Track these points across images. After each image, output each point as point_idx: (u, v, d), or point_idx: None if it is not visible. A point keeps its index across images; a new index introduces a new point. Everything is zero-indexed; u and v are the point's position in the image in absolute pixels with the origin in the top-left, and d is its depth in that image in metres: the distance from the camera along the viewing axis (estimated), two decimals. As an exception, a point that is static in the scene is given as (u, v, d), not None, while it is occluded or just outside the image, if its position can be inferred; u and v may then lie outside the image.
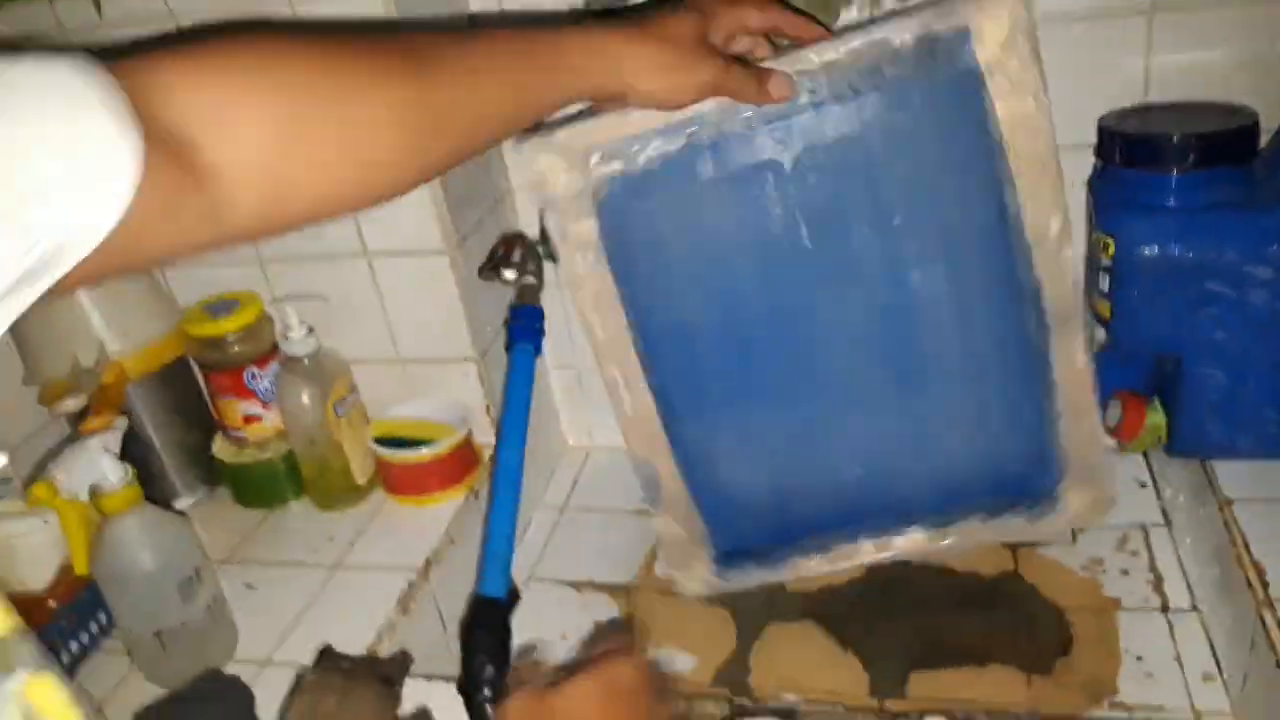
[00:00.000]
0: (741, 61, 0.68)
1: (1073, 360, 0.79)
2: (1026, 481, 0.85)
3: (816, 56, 0.70)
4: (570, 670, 0.57)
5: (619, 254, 0.78)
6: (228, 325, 0.93)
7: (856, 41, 0.70)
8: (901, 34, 0.69)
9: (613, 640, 0.62)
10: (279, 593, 0.87)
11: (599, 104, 0.71)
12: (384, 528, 0.93)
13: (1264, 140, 0.79)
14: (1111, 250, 0.80)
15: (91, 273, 0.40)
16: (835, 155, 0.73)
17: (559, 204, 0.76)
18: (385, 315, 0.96)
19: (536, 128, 0.75)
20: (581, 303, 0.81)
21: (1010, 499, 0.85)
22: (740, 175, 0.75)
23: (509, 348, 0.86)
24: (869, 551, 0.88)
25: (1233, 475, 0.83)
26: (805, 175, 0.75)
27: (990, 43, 0.69)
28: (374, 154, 0.51)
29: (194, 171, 0.44)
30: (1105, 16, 0.86)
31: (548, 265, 0.93)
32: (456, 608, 0.91)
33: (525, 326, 0.88)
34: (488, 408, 0.99)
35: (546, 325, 0.92)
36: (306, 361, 0.92)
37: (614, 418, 0.86)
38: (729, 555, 0.90)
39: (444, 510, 0.93)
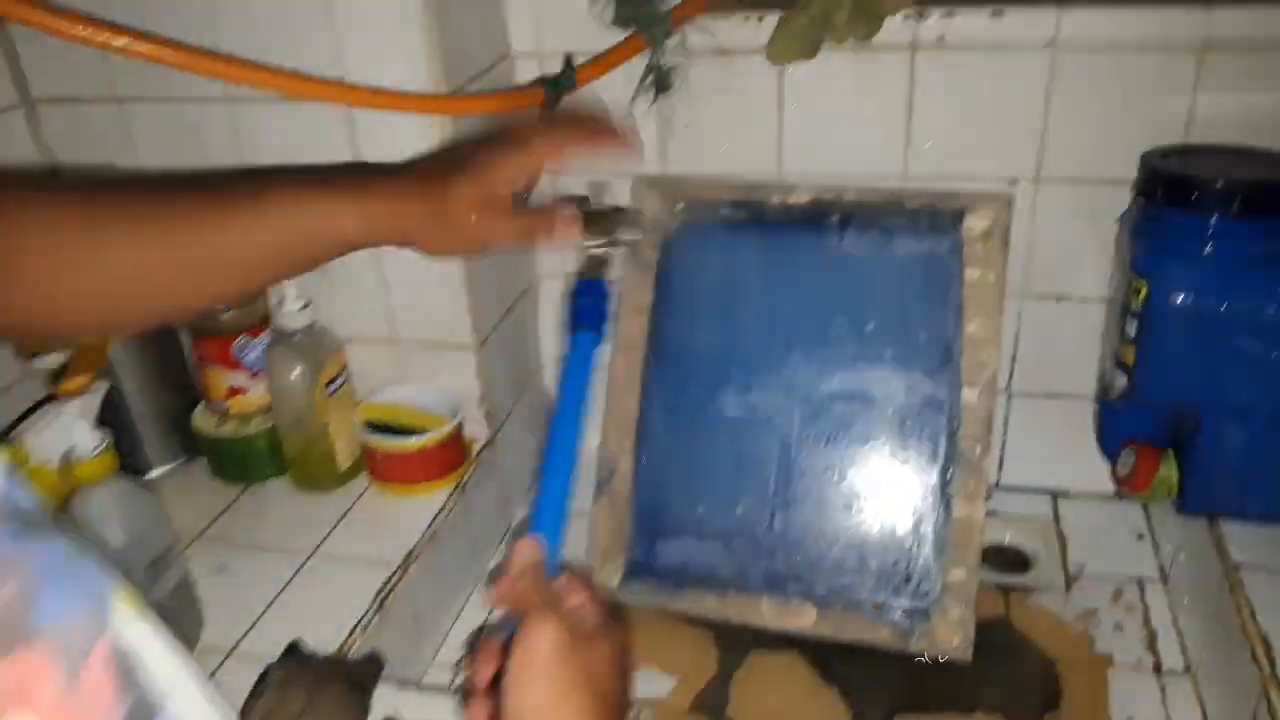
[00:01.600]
0: (528, 213, 0.64)
1: (972, 505, 0.84)
2: (909, 595, 0.86)
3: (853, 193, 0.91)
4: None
5: (667, 279, 0.94)
6: (218, 292, 0.89)
7: (882, 194, 0.90)
8: (914, 199, 0.89)
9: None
10: (249, 578, 0.84)
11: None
12: (365, 516, 0.90)
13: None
14: (1144, 295, 0.77)
15: None
16: (835, 265, 0.89)
17: (647, 229, 0.92)
18: (386, 293, 0.92)
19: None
20: (625, 307, 0.94)
21: (892, 606, 0.86)
22: (764, 259, 0.92)
23: (571, 329, 0.74)
24: (769, 612, 0.88)
25: (1243, 538, 0.81)
26: (802, 271, 0.90)
27: (976, 227, 0.86)
28: (122, 296, 0.54)
29: None
30: (1155, 50, 0.83)
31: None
32: (434, 609, 0.87)
33: (591, 307, 0.74)
34: (481, 399, 0.96)
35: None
36: (300, 336, 0.88)
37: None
38: (638, 567, 0.92)
39: (429, 503, 0.90)
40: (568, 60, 0.86)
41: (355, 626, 0.78)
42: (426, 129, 0.83)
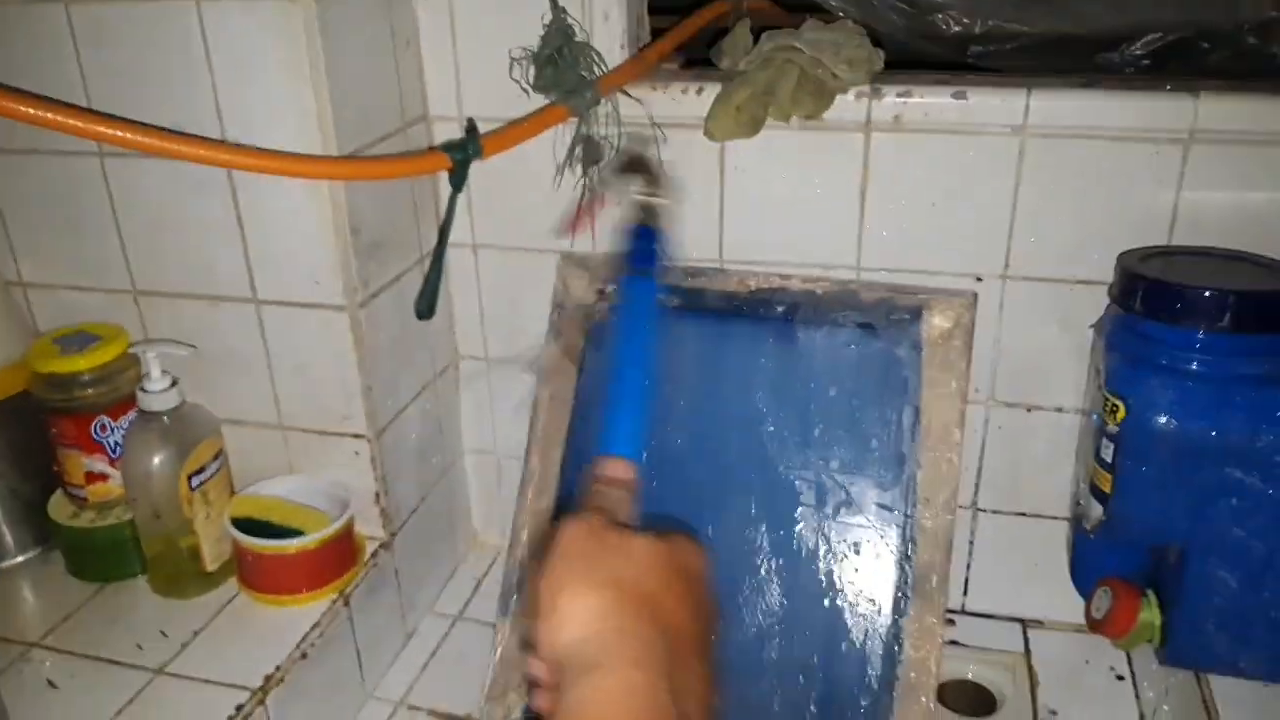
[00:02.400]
0: None
1: (926, 636, 0.75)
2: None
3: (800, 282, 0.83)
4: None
5: (593, 366, 0.85)
6: (78, 364, 0.79)
7: (833, 286, 0.82)
8: (869, 293, 0.81)
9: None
10: (83, 697, 0.72)
11: None
12: (229, 629, 0.78)
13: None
14: (1121, 415, 0.67)
15: None
16: (780, 362, 0.81)
17: (569, 311, 0.87)
18: (270, 373, 0.82)
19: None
20: (542, 392, 0.87)
21: None
22: (705, 350, 0.82)
23: (627, 274, 0.66)
24: None
25: (1232, 697, 0.70)
26: (743, 367, 0.81)
27: (936, 328, 0.79)
28: None
29: None
30: (1135, 140, 0.74)
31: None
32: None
33: (648, 250, 0.67)
34: (377, 496, 0.85)
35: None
36: (166, 419, 0.78)
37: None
38: None
39: (305, 616, 0.78)
40: (470, 126, 0.78)
41: (191, 767, 0.66)
42: (315, 191, 0.74)
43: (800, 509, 0.78)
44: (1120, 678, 0.85)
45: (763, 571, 0.78)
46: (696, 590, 0.45)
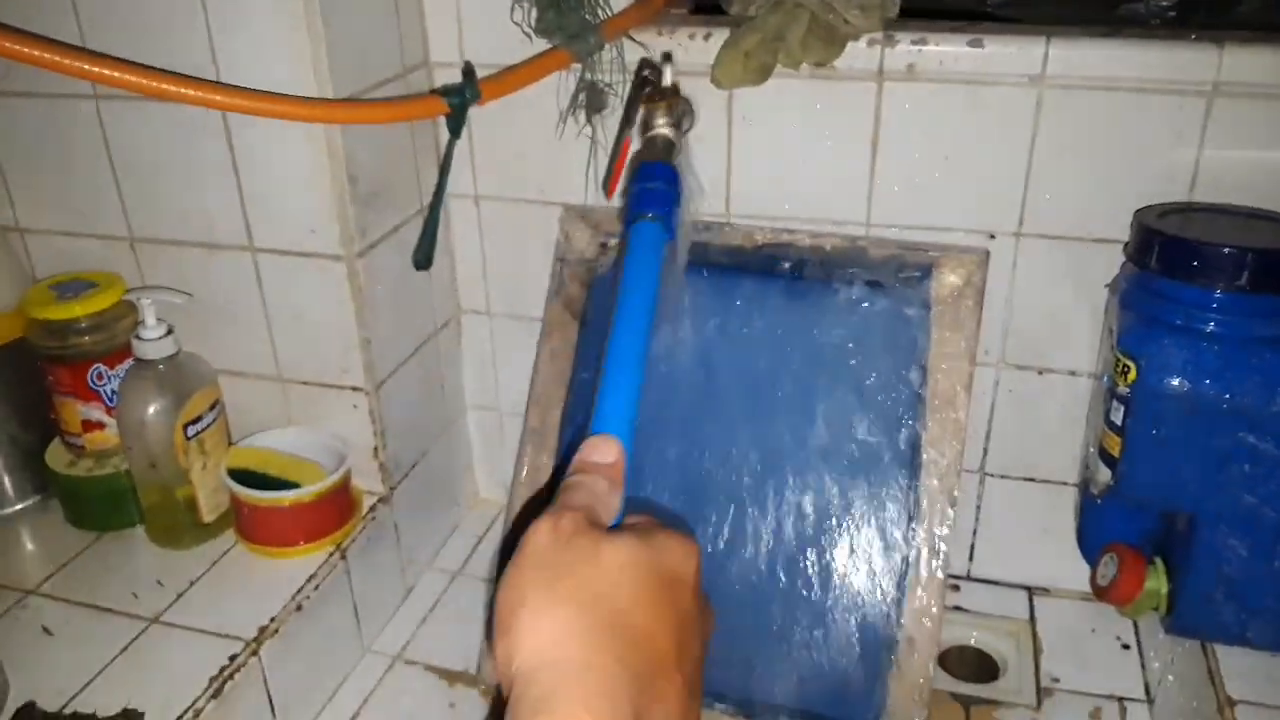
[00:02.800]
0: None
1: (927, 605, 0.74)
2: (849, 706, 0.74)
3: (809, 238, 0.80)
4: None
5: (593, 322, 0.83)
6: (74, 310, 0.78)
7: (842, 242, 0.80)
8: (880, 250, 0.79)
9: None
10: (77, 644, 0.72)
11: None
12: (225, 580, 0.78)
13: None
14: (1132, 376, 0.65)
15: None
16: (785, 319, 0.78)
17: (571, 264, 0.85)
18: (268, 324, 0.81)
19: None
20: (543, 348, 0.85)
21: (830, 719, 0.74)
22: (710, 306, 0.80)
23: (630, 219, 0.60)
24: None
25: (1241, 669, 0.68)
26: (747, 324, 0.79)
27: (946, 286, 0.77)
28: None
29: None
30: (1157, 92, 0.71)
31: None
32: (295, 696, 0.75)
33: (657, 192, 0.61)
34: (376, 450, 0.84)
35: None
36: (161, 367, 0.77)
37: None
38: None
39: (301, 568, 0.78)
40: (467, 69, 0.75)
41: (183, 715, 0.66)
42: (311, 138, 0.72)
43: (802, 468, 0.76)
44: (1126, 647, 0.84)
45: (763, 529, 0.76)
46: (680, 599, 0.40)
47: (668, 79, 0.69)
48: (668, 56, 0.77)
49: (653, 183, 0.59)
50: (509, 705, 0.35)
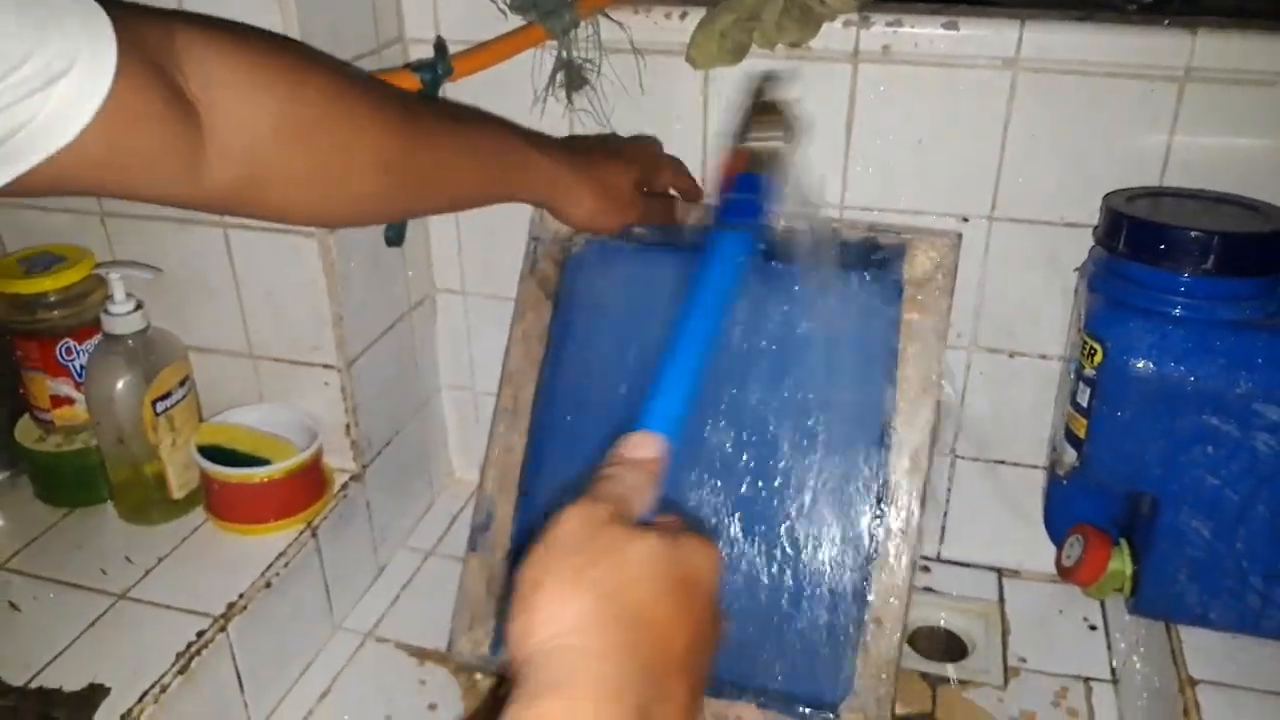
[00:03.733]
0: (660, 197, 0.80)
1: (894, 572, 0.74)
2: (816, 684, 0.74)
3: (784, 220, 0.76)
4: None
5: (566, 302, 0.83)
6: (43, 284, 0.77)
7: (818, 222, 0.79)
8: (852, 232, 0.79)
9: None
10: (44, 619, 0.71)
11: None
12: (194, 557, 0.78)
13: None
14: (1099, 358, 0.65)
15: (62, 177, 0.43)
16: (756, 300, 0.77)
17: (545, 243, 0.84)
18: (239, 300, 0.81)
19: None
20: (515, 328, 0.85)
21: (797, 697, 0.74)
22: (672, 290, 0.69)
23: (716, 233, 0.58)
24: None
25: (1202, 649, 0.69)
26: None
27: (917, 268, 0.77)
28: (349, 182, 0.57)
29: (190, 123, 0.48)
30: (1130, 77, 0.72)
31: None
32: (264, 673, 0.75)
33: (747, 204, 0.61)
34: (348, 428, 0.84)
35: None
36: (130, 342, 0.76)
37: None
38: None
39: (271, 545, 0.78)
40: (439, 44, 0.75)
41: (149, 690, 0.65)
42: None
43: (773, 449, 0.77)
44: (1093, 628, 0.85)
45: (734, 511, 0.77)
46: (698, 603, 0.40)
47: (767, 96, 0.73)
48: (770, 77, 0.77)
49: (747, 193, 0.59)
50: (516, 681, 0.35)
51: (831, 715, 0.72)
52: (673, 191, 0.82)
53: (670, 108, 0.81)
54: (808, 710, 0.73)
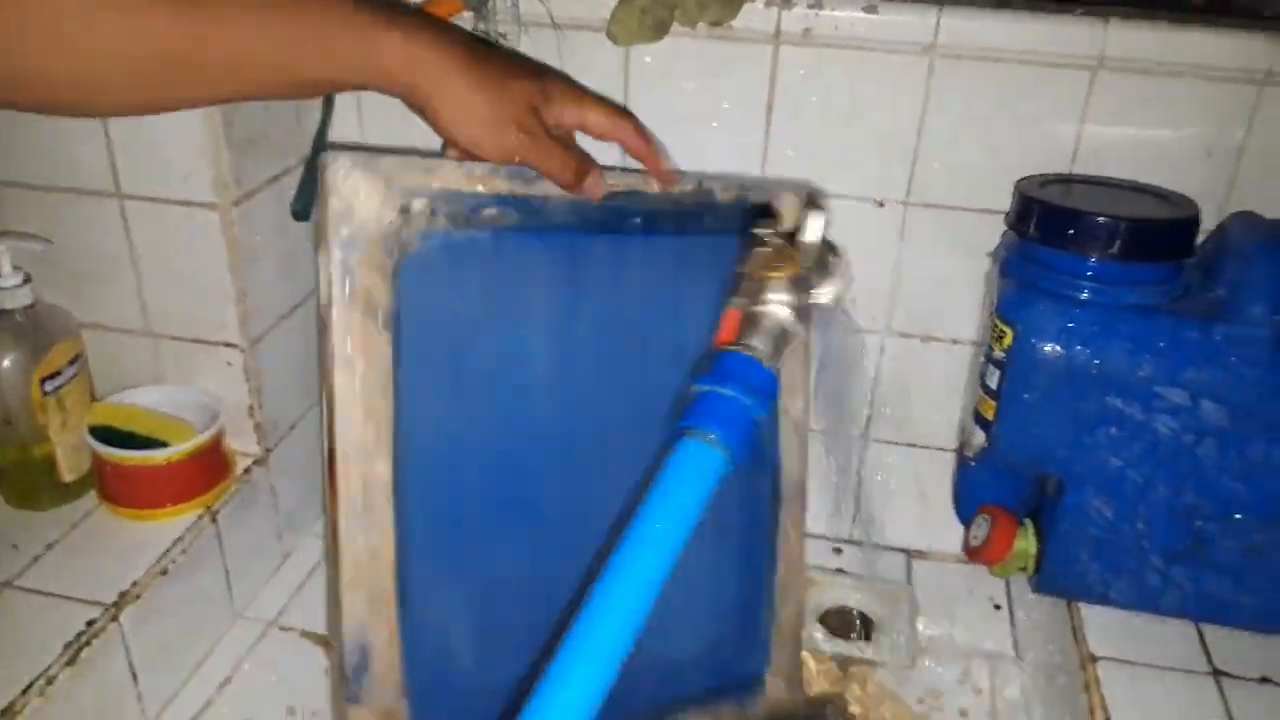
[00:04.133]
0: (565, 145, 0.60)
1: (790, 535, 0.74)
2: (738, 664, 0.73)
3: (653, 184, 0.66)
4: None
5: (409, 327, 0.56)
6: (-81, 256, 0.73)
7: (689, 185, 0.68)
8: (726, 193, 0.69)
9: None
10: (-81, 611, 0.67)
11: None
12: (85, 543, 0.74)
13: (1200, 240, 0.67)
14: (1008, 341, 0.66)
15: None
16: (633, 280, 0.68)
17: (363, 244, 0.54)
18: (137, 275, 0.77)
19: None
20: (344, 385, 0.54)
21: (722, 684, 0.73)
22: (555, 276, 0.64)
23: (680, 428, 0.44)
24: None
25: (1103, 627, 0.71)
26: (593, 296, 0.66)
27: (785, 221, 0.64)
28: (105, 62, 0.47)
29: None
30: (1043, 64, 0.73)
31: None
32: (158, 666, 0.72)
33: (723, 403, 0.44)
34: (251, 410, 0.81)
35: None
36: (17, 318, 0.72)
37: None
38: None
39: (167, 531, 0.74)
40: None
41: (33, 683, 0.62)
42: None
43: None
44: (998, 607, 0.86)
45: (627, 500, 0.71)
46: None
47: (806, 232, 0.52)
48: (814, 201, 0.66)
49: (729, 386, 0.41)
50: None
51: (762, 682, 0.72)
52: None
53: (588, 85, 0.79)
54: (740, 687, 0.72)
